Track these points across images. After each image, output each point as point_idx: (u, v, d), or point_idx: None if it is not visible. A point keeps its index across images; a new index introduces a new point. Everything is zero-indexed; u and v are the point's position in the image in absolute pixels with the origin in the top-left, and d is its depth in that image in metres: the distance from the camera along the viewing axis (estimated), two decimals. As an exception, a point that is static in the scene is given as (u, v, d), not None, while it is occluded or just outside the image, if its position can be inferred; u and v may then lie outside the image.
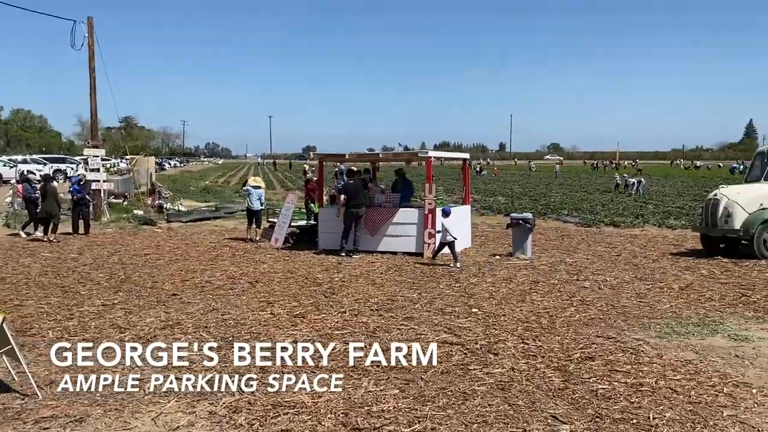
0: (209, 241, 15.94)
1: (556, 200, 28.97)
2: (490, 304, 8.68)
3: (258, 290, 9.80)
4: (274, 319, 7.98)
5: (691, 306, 8.50)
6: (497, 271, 11.18)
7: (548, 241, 15.65)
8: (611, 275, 10.79)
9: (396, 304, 8.71)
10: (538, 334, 7.04)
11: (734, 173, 61.06)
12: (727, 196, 12.94)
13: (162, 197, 25.22)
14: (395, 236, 13.14)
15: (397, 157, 13.84)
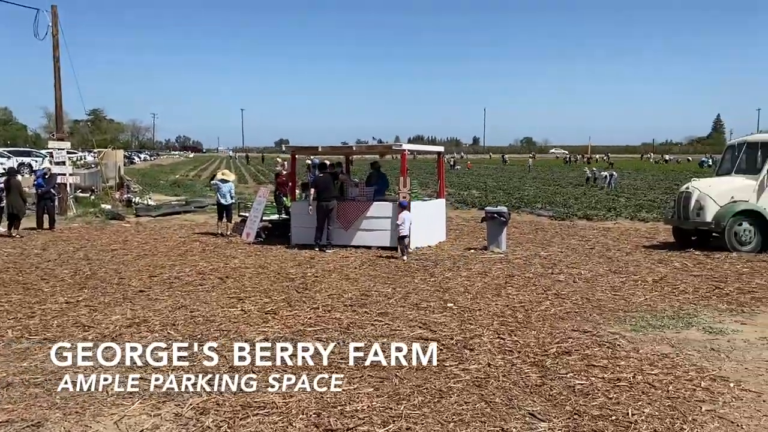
0: (179, 235, 15.60)
1: (530, 194, 29.10)
2: (466, 298, 8.57)
3: (228, 286, 9.56)
4: (244, 315, 7.77)
5: (665, 299, 8.49)
6: (472, 265, 11.10)
7: (523, 234, 15.64)
8: (586, 268, 10.77)
9: (370, 300, 8.55)
10: (514, 329, 6.94)
11: (703, 167, 62.22)
12: (699, 189, 13.04)
13: (131, 191, 24.69)
14: (369, 230, 12.98)
15: (370, 150, 13.67)
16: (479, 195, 28.40)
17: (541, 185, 36.51)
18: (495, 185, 35.91)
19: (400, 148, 12.70)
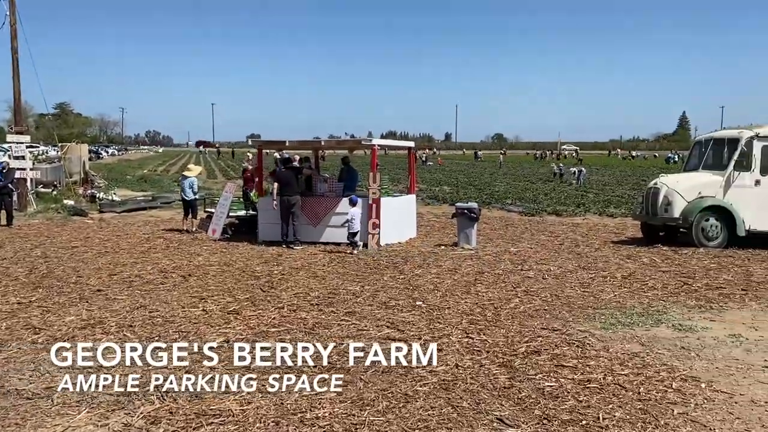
0: (143, 232, 15.16)
1: (501, 189, 29.10)
2: (435, 296, 8.41)
3: (191, 285, 9.25)
4: (205, 316, 7.48)
5: (634, 295, 8.44)
6: (442, 262, 10.94)
7: (493, 230, 15.55)
8: (555, 264, 10.70)
9: (338, 298, 8.33)
10: (482, 328, 6.79)
11: (669, 163, 63.26)
12: (667, 185, 13.08)
13: (95, 186, 24.04)
14: (338, 227, 12.73)
15: (340, 145, 13.39)
16: (450, 191, 28.32)
17: (512, 181, 36.61)
18: (466, 181, 35.90)
19: (370, 143, 12.48)
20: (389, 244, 12.77)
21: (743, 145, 12.55)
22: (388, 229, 12.69)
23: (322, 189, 13.19)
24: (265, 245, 12.81)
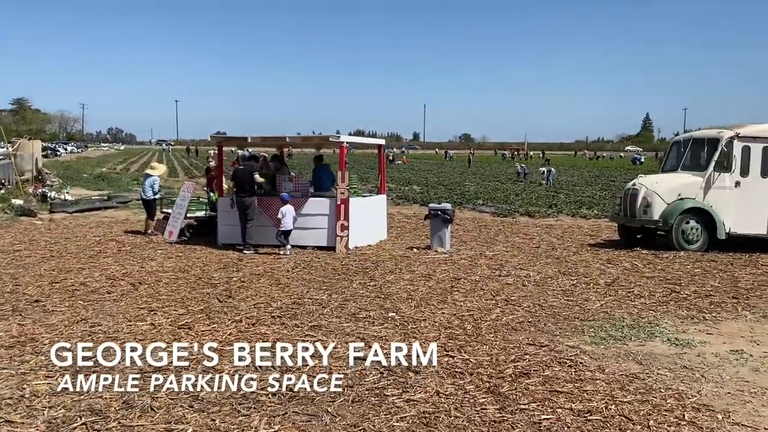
0: (94, 234, 14.16)
1: (471, 190, 28.63)
2: (409, 306, 7.73)
3: (140, 294, 8.40)
4: (153, 331, 6.67)
5: (621, 304, 7.89)
6: (415, 267, 10.28)
7: (466, 232, 14.96)
8: (534, 269, 10.13)
9: (302, 309, 7.59)
10: (463, 344, 6.13)
11: (636, 164, 63.83)
12: (646, 186, 12.65)
13: (47, 185, 22.76)
14: (304, 228, 11.98)
15: (306, 142, 12.62)
16: (420, 190, 27.73)
17: (481, 181, 36.23)
18: (436, 180, 35.38)
19: (338, 140, 11.74)
20: (358, 247, 12.06)
21: (723, 146, 12.18)
22: (357, 231, 11.98)
23: (288, 188, 12.39)
24: (224, 249, 11.98)
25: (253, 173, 11.62)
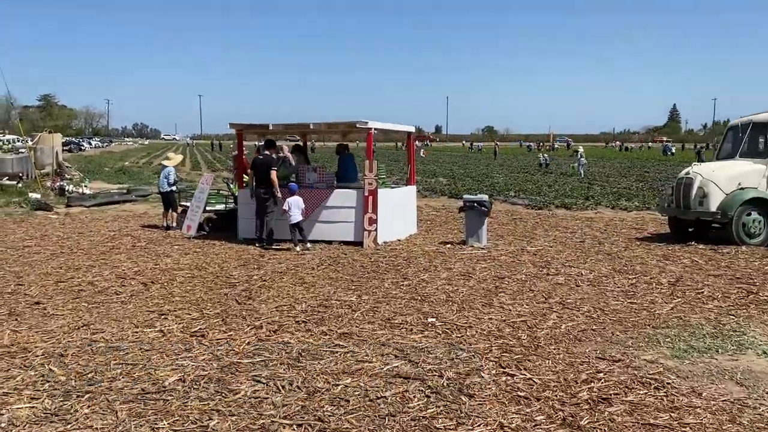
0: (109, 228, 13.48)
1: (500, 181, 27.57)
2: (450, 309, 6.81)
3: (152, 295, 7.61)
4: (162, 339, 5.86)
5: (694, 308, 6.88)
6: (452, 264, 9.35)
7: (501, 225, 13.98)
8: (585, 267, 9.13)
9: (329, 313, 6.73)
10: (520, 358, 5.20)
11: (666, 154, 62.05)
12: (702, 175, 11.53)
13: (65, 179, 22.23)
14: (330, 222, 11.13)
15: (331, 129, 11.76)
16: (447, 182, 26.73)
17: (509, 172, 35.10)
18: (462, 172, 34.35)
19: (366, 126, 10.84)
20: (387, 242, 11.17)
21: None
22: (386, 225, 11.09)
23: (312, 179, 11.54)
24: (245, 244, 11.17)
25: (271, 166, 10.76)
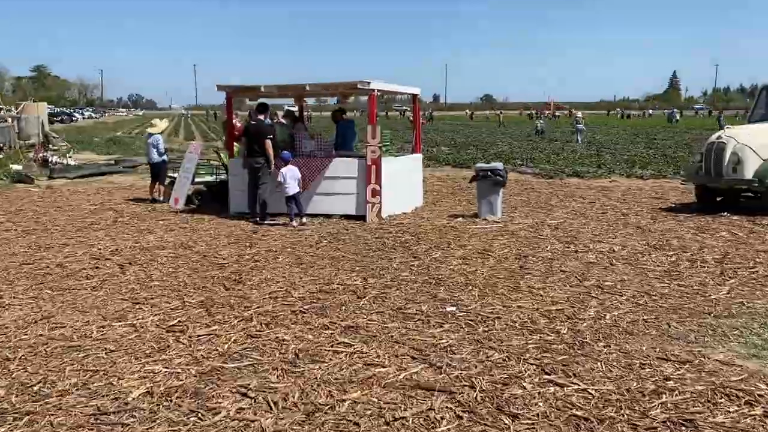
0: (91, 202, 12.46)
1: (505, 149, 26.47)
2: (471, 296, 5.86)
3: (127, 279, 6.65)
4: (132, 336, 4.91)
5: (754, 290, 5.93)
6: (466, 240, 8.38)
7: (513, 195, 12.98)
8: (615, 242, 8.18)
9: (331, 300, 5.78)
10: (566, 359, 4.26)
11: (672, 122, 60.70)
12: (736, 139, 10.49)
13: (49, 150, 21.13)
14: (329, 194, 10.14)
15: (329, 90, 10.69)
16: (450, 152, 25.64)
17: (512, 140, 33.95)
18: (464, 141, 33.19)
19: (368, 86, 9.76)
20: (393, 215, 10.20)
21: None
22: (391, 197, 10.09)
23: (309, 147, 10.50)
24: (237, 219, 10.19)
25: (266, 135, 9.69)
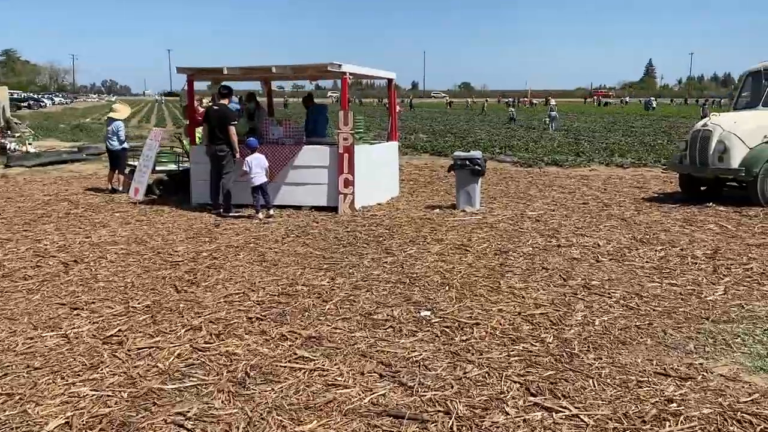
0: (46, 192, 11.72)
1: (483, 137, 26.01)
2: (447, 297, 5.35)
3: (70, 279, 6.03)
4: (63, 349, 4.31)
5: (751, 290, 5.51)
6: (443, 234, 7.87)
7: (491, 185, 12.51)
8: (599, 236, 7.73)
9: (294, 304, 5.23)
10: (553, 376, 3.77)
11: (648, 109, 60.85)
12: (722, 127, 10.11)
13: (9, 136, 20.15)
14: (298, 184, 9.56)
15: (297, 74, 10.03)
16: (428, 139, 25.10)
17: (490, 128, 33.53)
18: (443, 129, 32.67)
19: (339, 69, 9.15)
20: (367, 206, 9.66)
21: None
22: (364, 187, 9.55)
23: (276, 134, 9.89)
24: (199, 211, 9.56)
25: (229, 120, 9.05)
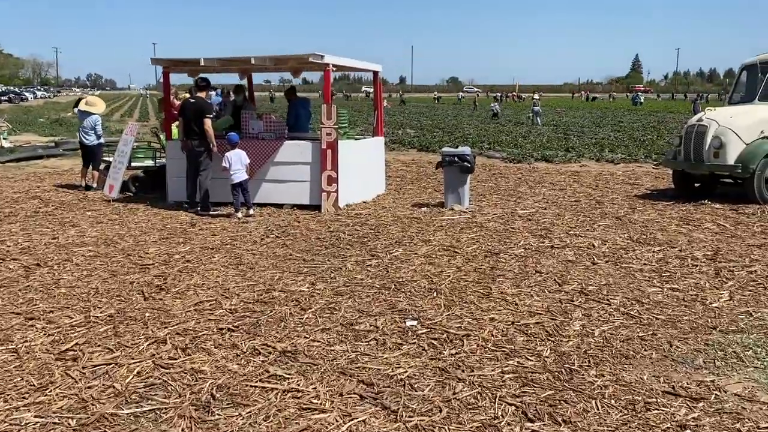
0: (17, 189, 11.21)
1: (472, 133, 25.66)
2: (435, 304, 4.97)
3: (30, 285, 5.59)
4: (11, 367, 3.89)
5: (758, 295, 5.18)
6: (430, 234, 7.50)
7: (480, 182, 12.16)
8: (594, 236, 7.39)
9: (269, 313, 4.83)
10: (551, 396, 3.41)
11: (636, 104, 60.78)
12: (718, 122, 9.81)
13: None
14: (280, 182, 9.15)
15: (279, 65, 9.60)
16: (416, 134, 24.72)
17: (479, 123, 33.20)
18: (431, 123, 32.29)
19: (321, 60, 8.72)
20: (351, 205, 9.26)
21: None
22: (349, 184, 9.15)
23: (256, 128, 9.46)
24: (175, 209, 9.13)
25: (205, 113, 8.61)
